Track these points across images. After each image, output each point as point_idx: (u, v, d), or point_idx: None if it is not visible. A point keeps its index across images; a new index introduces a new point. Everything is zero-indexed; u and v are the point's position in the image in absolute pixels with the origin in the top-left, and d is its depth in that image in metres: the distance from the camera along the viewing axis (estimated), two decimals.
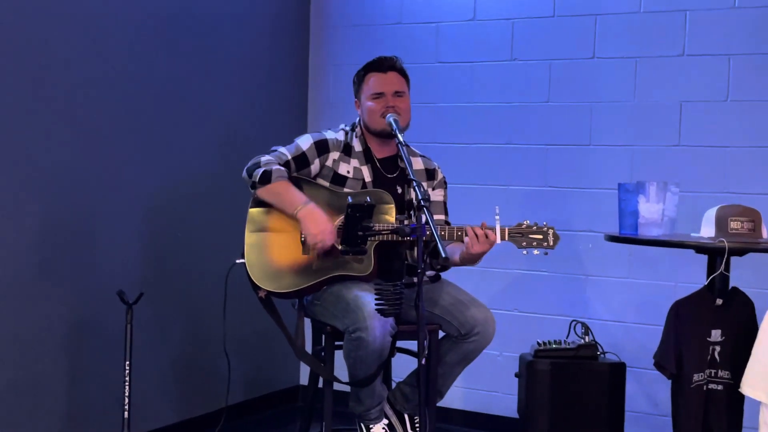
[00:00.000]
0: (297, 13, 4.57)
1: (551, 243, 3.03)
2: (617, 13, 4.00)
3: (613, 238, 3.28)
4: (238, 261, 3.07)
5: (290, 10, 4.53)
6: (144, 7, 3.65)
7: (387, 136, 3.14)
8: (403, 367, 3.29)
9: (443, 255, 2.59)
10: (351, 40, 4.51)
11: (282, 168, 3.07)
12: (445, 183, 3.34)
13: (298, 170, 3.12)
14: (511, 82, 4.20)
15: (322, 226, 2.98)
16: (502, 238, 3.00)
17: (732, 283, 3.15)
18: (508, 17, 4.21)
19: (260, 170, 3.04)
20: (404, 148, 2.95)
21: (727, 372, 3.08)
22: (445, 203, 3.31)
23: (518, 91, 4.19)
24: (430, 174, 3.29)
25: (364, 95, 3.18)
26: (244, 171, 3.09)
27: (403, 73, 3.21)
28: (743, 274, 3.29)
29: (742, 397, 3.03)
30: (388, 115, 3.09)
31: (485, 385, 4.22)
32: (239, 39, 4.18)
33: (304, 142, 3.15)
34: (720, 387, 3.09)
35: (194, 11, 3.91)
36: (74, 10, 3.36)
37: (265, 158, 3.09)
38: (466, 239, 2.96)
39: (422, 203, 2.66)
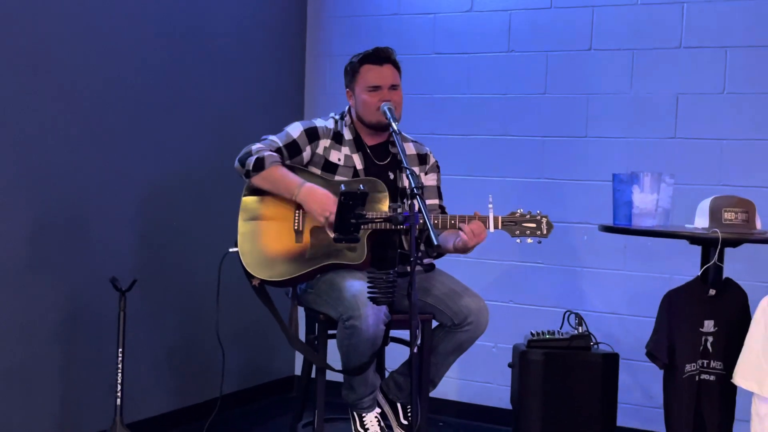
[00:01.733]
0: (293, 3, 4.57)
1: (545, 231, 3.03)
2: (614, 5, 3.99)
3: (606, 228, 3.28)
4: (231, 250, 3.06)
5: (287, 0, 4.53)
6: (140, 2, 3.64)
7: (382, 128, 3.14)
8: (396, 356, 3.29)
9: (435, 242, 2.58)
10: (348, 31, 4.51)
11: (275, 154, 3.07)
12: (438, 167, 3.33)
13: (290, 158, 3.12)
14: (508, 73, 4.20)
15: (324, 201, 2.98)
16: (496, 227, 3.00)
17: (726, 275, 3.15)
18: (505, 8, 4.21)
19: (253, 158, 3.04)
20: (398, 136, 2.94)
21: (719, 362, 3.08)
22: (438, 187, 3.31)
23: (515, 82, 4.18)
24: (422, 159, 3.29)
25: (358, 87, 3.17)
26: (236, 161, 3.08)
27: (396, 66, 3.20)
28: (738, 266, 3.29)
29: (734, 387, 3.03)
30: (383, 103, 3.08)
31: (480, 376, 4.23)
32: (235, 29, 4.18)
33: (294, 129, 3.15)
34: (712, 377, 3.09)
35: (189, 2, 3.90)
36: (69, 5, 3.35)
37: (256, 146, 3.08)
38: (462, 234, 2.96)
39: (415, 191, 2.66)
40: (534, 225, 3.03)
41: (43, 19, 3.26)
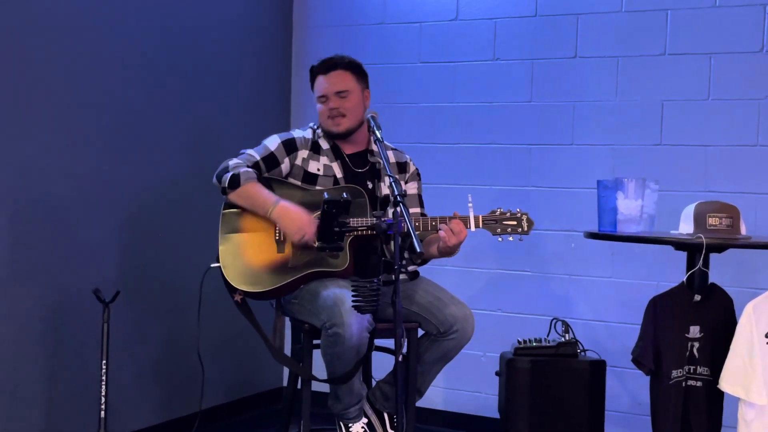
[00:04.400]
0: (279, 13, 4.57)
1: (525, 228, 3.03)
2: (599, 12, 4.00)
3: (592, 235, 3.27)
4: (212, 265, 3.04)
5: (273, 10, 4.53)
6: (124, 7, 3.63)
7: (339, 137, 3.15)
8: (383, 365, 3.28)
9: (419, 250, 2.57)
10: (334, 41, 4.50)
11: (250, 170, 3.05)
12: (419, 175, 3.33)
13: (268, 170, 3.11)
14: (494, 81, 4.20)
15: (298, 221, 2.97)
16: (476, 226, 2.99)
17: (712, 281, 3.13)
18: (490, 17, 4.21)
19: (228, 174, 3.03)
20: (381, 144, 2.93)
21: (705, 368, 3.07)
22: (420, 195, 3.31)
23: (501, 90, 4.18)
24: (402, 167, 3.28)
25: (314, 97, 3.20)
26: (214, 177, 3.08)
27: (350, 68, 3.17)
28: (723, 272, 3.28)
29: (721, 393, 3.02)
30: (366, 111, 3.10)
31: (468, 385, 4.21)
32: (221, 40, 4.17)
33: (272, 142, 3.15)
34: (699, 383, 3.08)
35: (175, 11, 3.90)
36: (53, 11, 3.34)
37: (233, 162, 3.08)
38: (441, 233, 2.95)
39: (398, 199, 2.65)
40: (515, 222, 3.02)
41: (25, 25, 3.24)
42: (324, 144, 3.18)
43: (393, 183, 2.70)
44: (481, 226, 3.00)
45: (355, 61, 3.20)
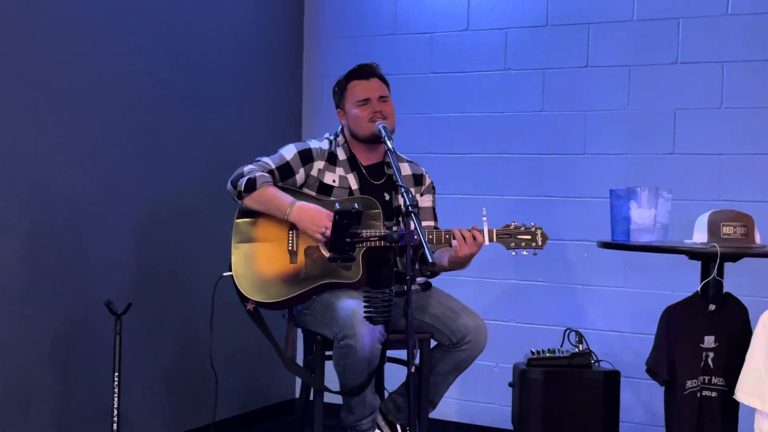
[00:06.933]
0: (290, 24, 4.58)
1: (540, 243, 3.01)
2: (610, 21, 3.99)
3: (605, 245, 3.26)
4: (225, 274, 3.04)
5: (283, 21, 4.54)
6: (139, 18, 3.65)
7: (375, 141, 3.12)
8: (396, 377, 3.26)
9: (430, 260, 2.56)
10: (344, 52, 4.51)
11: (266, 174, 3.06)
12: (434, 188, 3.32)
13: (282, 180, 3.11)
14: (505, 91, 4.19)
15: (317, 218, 2.96)
16: (490, 240, 2.98)
17: (727, 290, 3.11)
18: (501, 27, 4.21)
19: (244, 179, 3.03)
20: (393, 154, 2.94)
21: (720, 378, 3.05)
22: (434, 208, 3.30)
23: (512, 100, 4.18)
24: (418, 179, 3.28)
25: (348, 103, 3.17)
26: (229, 183, 3.08)
27: (383, 79, 3.21)
28: (738, 281, 3.26)
29: (736, 404, 3.00)
30: (378, 122, 3.08)
31: (481, 396, 4.19)
32: (232, 51, 4.18)
33: (288, 151, 3.15)
34: (714, 394, 3.05)
35: (188, 23, 3.91)
36: (68, 16, 3.36)
37: (248, 168, 3.08)
38: (454, 242, 2.94)
39: (410, 209, 2.64)
40: (529, 237, 3.01)
41: (39, 37, 3.26)
42: (341, 155, 3.18)
43: (404, 193, 2.69)
44: (495, 240, 2.99)
45: (384, 75, 3.24)
